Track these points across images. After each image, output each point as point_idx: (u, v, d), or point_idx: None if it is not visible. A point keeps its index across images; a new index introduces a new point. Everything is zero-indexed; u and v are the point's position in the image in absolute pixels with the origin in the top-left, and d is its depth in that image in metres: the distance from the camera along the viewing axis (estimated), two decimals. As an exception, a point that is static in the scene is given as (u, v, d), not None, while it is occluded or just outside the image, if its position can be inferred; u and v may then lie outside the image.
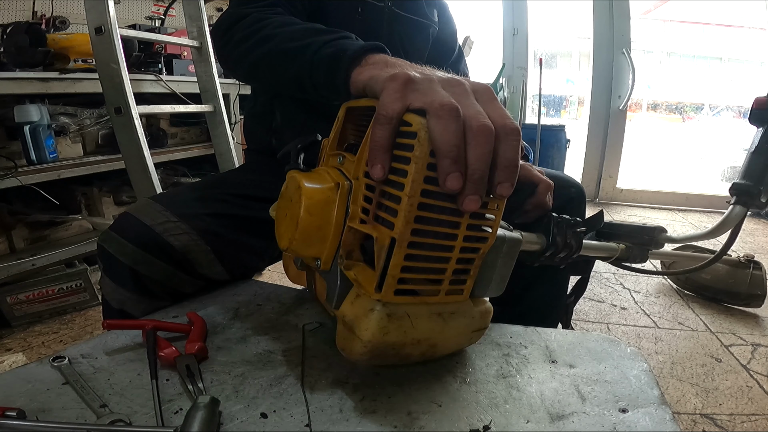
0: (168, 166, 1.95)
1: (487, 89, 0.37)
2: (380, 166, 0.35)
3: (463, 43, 2.88)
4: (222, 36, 0.64)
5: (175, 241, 0.58)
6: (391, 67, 0.41)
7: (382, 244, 0.36)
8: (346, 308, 0.39)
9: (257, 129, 0.85)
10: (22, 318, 1.41)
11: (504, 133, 0.34)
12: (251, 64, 0.59)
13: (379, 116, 0.35)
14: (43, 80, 1.35)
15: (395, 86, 0.35)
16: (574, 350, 0.50)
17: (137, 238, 0.57)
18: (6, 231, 1.45)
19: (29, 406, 0.37)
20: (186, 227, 0.59)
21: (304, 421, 0.37)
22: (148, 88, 1.63)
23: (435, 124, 0.33)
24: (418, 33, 0.85)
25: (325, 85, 0.49)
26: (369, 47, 0.45)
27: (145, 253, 0.57)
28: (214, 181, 0.78)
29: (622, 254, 0.64)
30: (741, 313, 1.59)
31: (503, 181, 0.34)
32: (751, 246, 2.33)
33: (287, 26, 0.57)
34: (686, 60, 7.49)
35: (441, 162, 0.33)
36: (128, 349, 0.47)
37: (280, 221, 0.46)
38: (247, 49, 0.59)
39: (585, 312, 1.58)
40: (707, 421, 1.03)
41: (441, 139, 0.33)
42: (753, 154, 0.78)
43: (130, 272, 0.57)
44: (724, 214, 0.80)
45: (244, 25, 0.61)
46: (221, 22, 0.65)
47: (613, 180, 3.28)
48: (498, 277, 0.42)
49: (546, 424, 0.38)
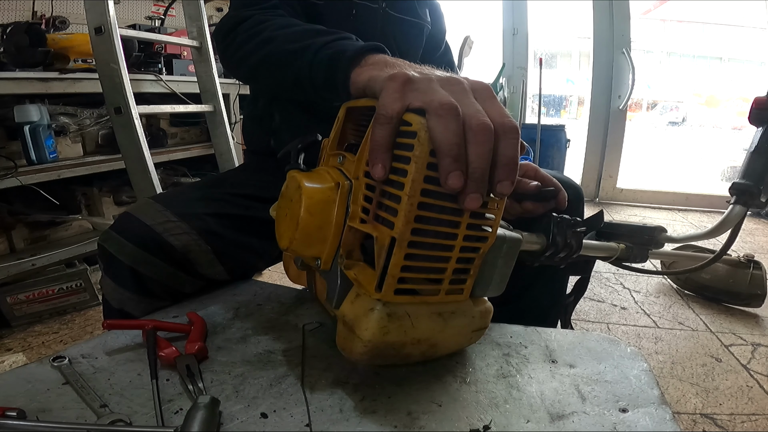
0: (168, 166, 1.95)
1: (485, 88, 0.37)
2: (381, 166, 0.35)
3: (463, 43, 2.88)
4: (224, 39, 0.64)
5: (176, 241, 0.58)
6: (390, 67, 0.42)
7: (383, 243, 0.36)
8: (347, 308, 0.39)
9: (256, 130, 0.85)
10: (22, 318, 1.41)
11: (503, 132, 0.34)
12: (252, 66, 0.60)
13: (379, 116, 0.35)
14: (43, 80, 1.35)
15: (395, 86, 0.35)
16: (574, 350, 0.50)
17: (137, 238, 0.57)
18: (6, 231, 1.45)
19: (29, 406, 0.36)
20: (186, 227, 0.59)
21: (304, 421, 0.37)
22: (148, 88, 1.63)
23: (435, 123, 0.33)
24: (412, 33, 0.85)
25: (325, 86, 0.49)
26: (368, 48, 0.45)
27: (145, 253, 0.57)
28: (214, 180, 0.78)
29: (622, 254, 0.64)
30: (741, 313, 1.59)
31: (503, 180, 0.34)
32: (751, 246, 2.33)
33: (287, 28, 0.57)
34: (686, 60, 7.49)
35: (442, 160, 0.33)
36: (128, 349, 0.47)
37: (280, 221, 0.46)
38: (248, 51, 0.59)
39: (585, 312, 1.58)
40: (707, 420, 1.03)
41: (441, 137, 0.33)
42: (753, 153, 0.78)
43: (131, 272, 0.57)
44: (724, 214, 0.80)
45: (245, 27, 0.61)
46: (222, 25, 0.66)
47: (613, 180, 3.28)
48: (498, 277, 0.42)
49: (546, 424, 0.38)
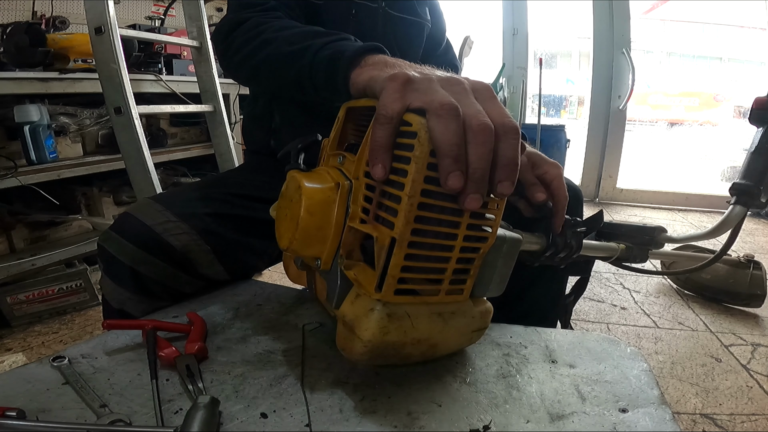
0: (168, 166, 1.95)
1: (486, 87, 0.37)
2: (381, 166, 0.35)
3: (463, 43, 2.88)
4: (223, 41, 0.64)
5: (176, 241, 0.58)
6: (390, 67, 0.42)
7: (383, 243, 0.36)
8: (347, 308, 0.39)
9: (256, 130, 0.85)
10: (22, 318, 1.41)
11: (503, 132, 0.34)
12: (252, 68, 0.60)
13: (379, 116, 0.35)
14: (43, 80, 1.35)
15: (395, 86, 0.35)
16: (574, 350, 0.50)
17: (137, 238, 0.57)
18: (6, 231, 1.45)
19: (29, 406, 0.36)
20: (186, 227, 0.59)
21: (304, 421, 0.37)
22: (148, 88, 1.63)
23: (435, 123, 0.33)
24: (413, 32, 0.85)
25: (326, 87, 0.49)
26: (367, 48, 0.45)
27: (145, 253, 0.57)
28: (214, 180, 0.78)
29: (622, 254, 0.64)
30: (741, 313, 1.59)
31: (503, 180, 0.34)
32: (751, 246, 2.33)
33: (285, 30, 0.57)
34: (686, 60, 7.49)
35: (442, 161, 0.33)
36: (128, 349, 0.47)
37: (280, 221, 0.46)
38: (247, 53, 0.59)
39: (585, 312, 1.58)
40: (707, 421, 1.03)
41: (441, 138, 0.33)
42: (753, 153, 0.78)
43: (131, 272, 0.57)
44: (724, 214, 0.80)
45: (243, 30, 0.61)
46: (221, 27, 0.66)
47: (613, 180, 3.27)
48: (498, 277, 0.42)
49: (546, 424, 0.38)
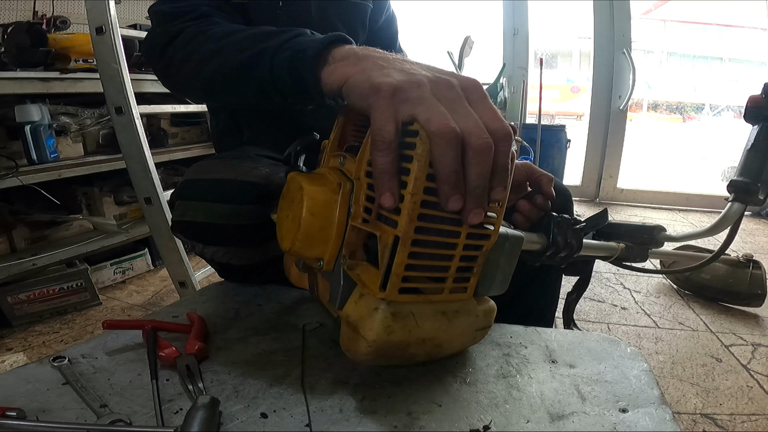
0: (169, 165, 1.95)
1: (476, 86, 0.36)
2: (390, 194, 0.34)
3: (464, 43, 2.88)
4: (160, 59, 0.57)
5: (253, 178, 0.55)
6: (362, 60, 0.39)
7: (386, 242, 0.36)
8: (350, 308, 0.39)
9: (227, 146, 0.80)
10: (23, 317, 1.41)
11: (497, 140, 0.34)
12: (203, 83, 0.54)
13: (376, 142, 0.34)
14: (44, 80, 1.35)
15: (383, 103, 0.34)
16: (574, 350, 0.50)
17: (215, 194, 0.55)
18: (7, 231, 1.44)
19: (29, 406, 0.37)
20: (256, 167, 0.57)
21: (304, 421, 0.37)
22: (149, 87, 1.63)
23: (434, 150, 0.33)
24: (353, 16, 0.79)
25: (293, 92, 0.44)
26: (329, 40, 0.41)
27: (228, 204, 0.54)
28: (231, 153, 0.72)
29: (622, 254, 0.64)
30: (741, 313, 1.59)
31: (496, 186, 0.35)
32: (751, 246, 2.33)
33: (230, 36, 0.51)
34: (687, 60, 7.49)
35: (441, 187, 0.33)
36: (128, 349, 0.47)
37: (282, 223, 0.46)
38: (193, 68, 0.53)
39: (585, 312, 1.58)
40: (707, 421, 1.03)
41: (440, 166, 0.33)
42: (749, 151, 0.78)
43: (215, 229, 0.55)
44: (723, 211, 0.80)
45: (180, 43, 0.55)
46: (152, 42, 0.59)
47: (614, 180, 3.27)
48: (501, 275, 0.42)
49: (546, 424, 0.38)
